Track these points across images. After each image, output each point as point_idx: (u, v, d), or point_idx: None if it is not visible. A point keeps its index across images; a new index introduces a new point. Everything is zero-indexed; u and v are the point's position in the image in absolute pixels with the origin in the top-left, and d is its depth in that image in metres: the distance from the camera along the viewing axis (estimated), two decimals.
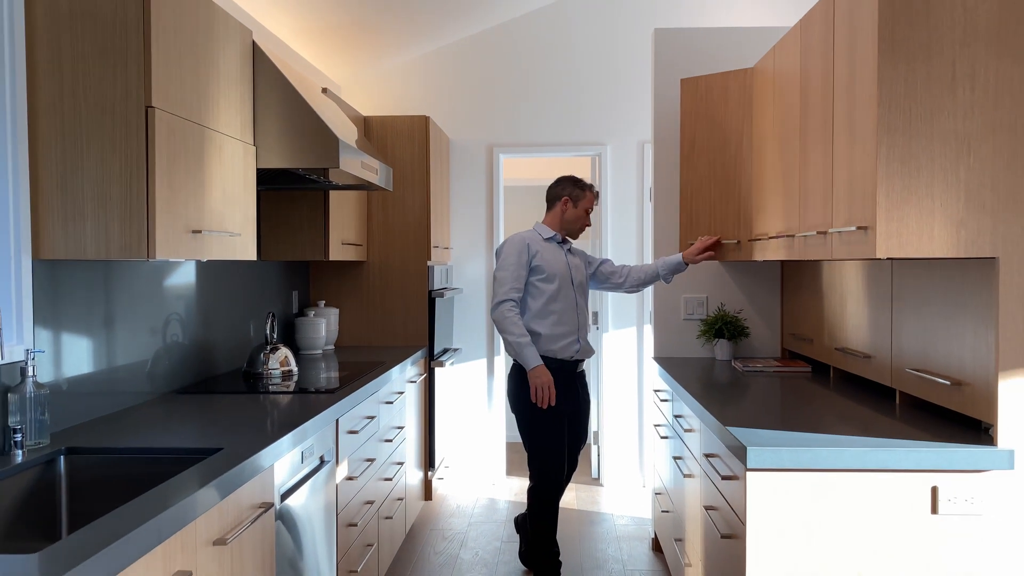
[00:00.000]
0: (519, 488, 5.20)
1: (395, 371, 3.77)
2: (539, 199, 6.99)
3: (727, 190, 3.61)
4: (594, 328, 5.30)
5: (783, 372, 3.47)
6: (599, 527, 4.52)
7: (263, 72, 2.91)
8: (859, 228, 2.19)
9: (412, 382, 4.32)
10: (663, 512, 3.74)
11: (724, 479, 2.39)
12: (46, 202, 2.17)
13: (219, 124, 2.57)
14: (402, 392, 3.99)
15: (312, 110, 2.93)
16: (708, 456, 2.64)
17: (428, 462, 4.80)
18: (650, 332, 5.02)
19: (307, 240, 3.93)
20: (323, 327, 4.27)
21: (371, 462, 3.30)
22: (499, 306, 3.47)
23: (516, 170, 6.88)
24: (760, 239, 3.32)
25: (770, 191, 3.21)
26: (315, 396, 2.90)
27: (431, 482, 4.86)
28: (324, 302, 4.63)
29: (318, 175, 3.35)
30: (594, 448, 5.44)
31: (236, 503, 1.93)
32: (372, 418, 3.31)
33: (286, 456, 2.29)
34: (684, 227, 3.72)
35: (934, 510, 2.07)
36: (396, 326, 4.79)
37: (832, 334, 3.24)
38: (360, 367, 3.66)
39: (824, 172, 2.54)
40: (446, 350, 5.07)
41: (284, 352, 3.39)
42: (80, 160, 2.16)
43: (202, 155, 2.45)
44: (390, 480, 3.70)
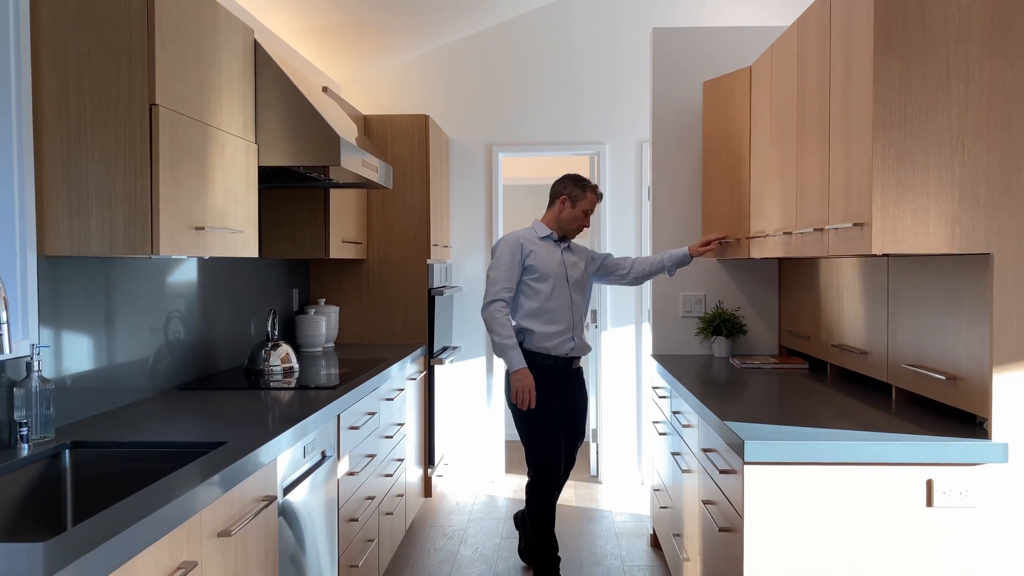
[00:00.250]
0: (518, 485, 5.23)
1: (395, 368, 3.80)
2: (538, 198, 7.02)
3: (733, 188, 3.64)
4: (592, 326, 5.32)
5: (781, 369, 3.50)
6: (598, 524, 4.54)
7: (265, 70, 2.93)
8: (855, 225, 2.22)
9: (412, 379, 4.34)
10: (661, 508, 3.77)
11: (722, 473, 2.42)
12: (51, 199, 2.19)
13: (221, 122, 2.60)
14: (402, 389, 4.01)
15: (313, 108, 2.95)
16: (706, 451, 2.66)
17: (428, 459, 4.83)
18: (648, 330, 5.05)
19: (308, 238, 3.95)
20: (323, 325, 4.29)
21: (372, 458, 3.33)
22: (490, 305, 3.51)
23: (515, 169, 6.90)
24: (758, 236, 3.35)
25: (767, 189, 3.23)
26: (316, 392, 2.92)
27: (431, 479, 4.88)
28: (324, 300, 4.66)
29: (319, 173, 3.37)
30: (592, 446, 5.47)
31: (240, 496, 1.95)
32: (373, 414, 3.34)
33: (288, 451, 2.31)
34: (706, 228, 3.78)
35: (929, 503, 2.10)
36: (396, 324, 4.81)
37: (829, 331, 3.27)
38: (360, 364, 3.68)
39: (820, 169, 2.56)
40: (445, 348, 5.10)
41: (285, 349, 3.41)
42: (85, 157, 2.18)
43: (205, 152, 2.47)
44: (390, 476, 3.73)
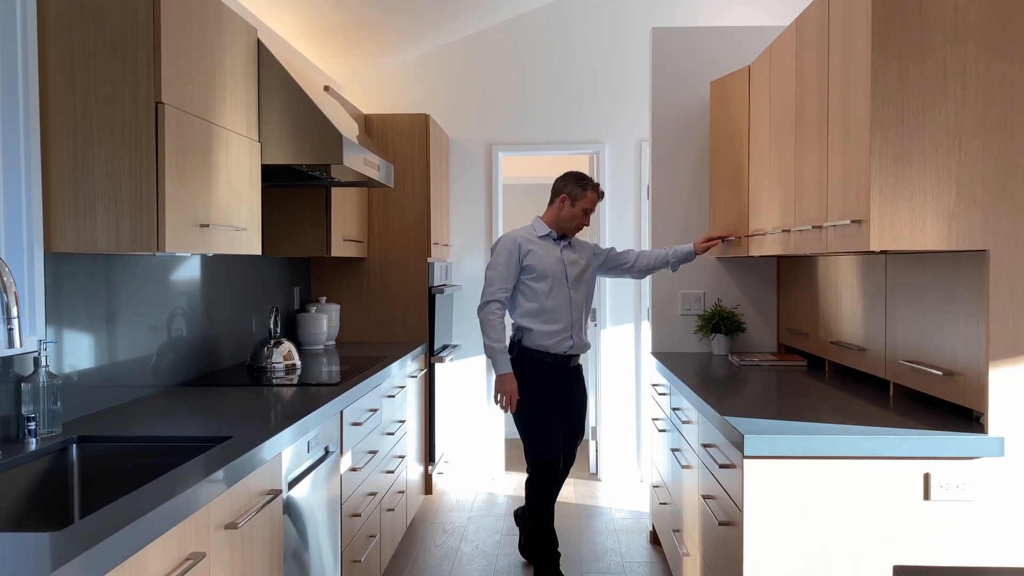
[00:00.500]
0: (518, 483, 5.25)
1: (396, 366, 3.82)
2: (538, 197, 7.04)
3: (736, 187, 3.67)
4: (592, 325, 5.35)
5: (779, 366, 3.53)
6: (597, 520, 4.57)
7: (268, 70, 2.95)
8: (853, 222, 2.25)
9: (413, 377, 4.37)
10: (661, 504, 3.79)
11: (722, 468, 2.44)
12: (58, 196, 2.21)
13: (225, 120, 2.62)
14: (403, 387, 4.03)
15: (316, 107, 2.97)
16: (706, 446, 2.69)
17: (428, 456, 4.85)
18: (647, 328, 5.07)
19: (309, 236, 3.97)
20: (324, 323, 4.31)
21: (373, 454, 3.35)
22: (486, 306, 3.53)
23: (515, 168, 6.92)
24: (757, 235, 3.38)
25: (766, 187, 3.26)
26: (319, 389, 2.94)
27: (431, 476, 4.90)
28: (325, 298, 4.68)
29: (320, 172, 3.39)
30: (592, 444, 5.49)
31: (246, 490, 1.98)
32: (375, 411, 3.36)
33: (293, 445, 2.33)
34: (713, 228, 3.83)
35: (927, 496, 2.13)
36: (396, 322, 4.84)
37: (827, 328, 3.29)
38: (362, 362, 3.70)
39: (819, 167, 2.59)
40: (445, 346, 5.12)
41: (288, 346, 3.43)
42: (91, 155, 2.20)
43: (209, 151, 2.49)
44: (392, 473, 3.75)
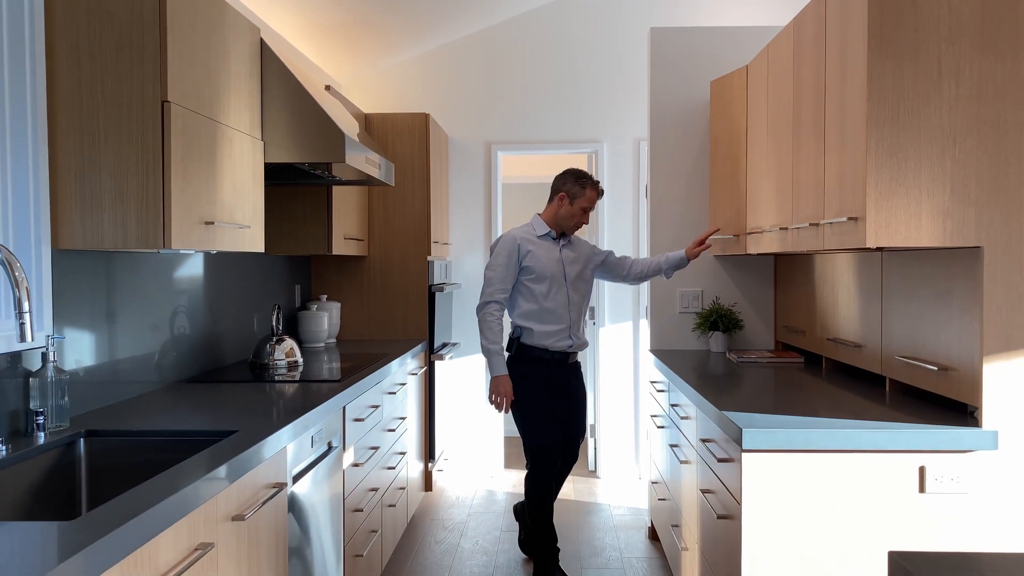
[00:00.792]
0: (517, 480, 5.28)
1: (396, 363, 3.85)
2: (537, 196, 7.08)
3: (733, 186, 3.71)
4: (591, 323, 5.38)
5: (777, 363, 3.56)
6: (596, 517, 4.60)
7: (271, 69, 2.98)
8: (850, 219, 2.28)
9: (413, 374, 4.39)
10: (660, 500, 3.83)
11: (720, 462, 2.48)
12: (65, 193, 2.24)
13: (229, 119, 2.65)
14: (404, 383, 4.06)
15: (319, 106, 3.01)
16: (704, 441, 2.72)
17: (428, 454, 4.88)
18: (645, 326, 5.10)
19: (310, 234, 4.00)
20: (325, 320, 4.34)
21: (375, 450, 3.38)
22: (485, 307, 3.55)
23: (515, 167, 6.96)
24: (754, 232, 3.41)
25: (764, 185, 3.30)
26: (322, 385, 2.97)
27: (431, 473, 4.93)
28: (326, 296, 4.70)
29: (322, 170, 3.42)
30: (591, 441, 5.53)
31: (252, 483, 2.01)
32: (376, 407, 3.39)
33: (297, 440, 2.36)
34: (713, 225, 3.86)
35: (922, 489, 2.16)
36: (396, 320, 4.87)
37: (824, 325, 3.33)
38: (363, 359, 3.73)
39: (816, 165, 2.62)
40: (445, 344, 5.15)
41: (290, 343, 3.46)
42: (98, 153, 2.23)
43: (214, 149, 2.52)
44: (393, 469, 3.78)
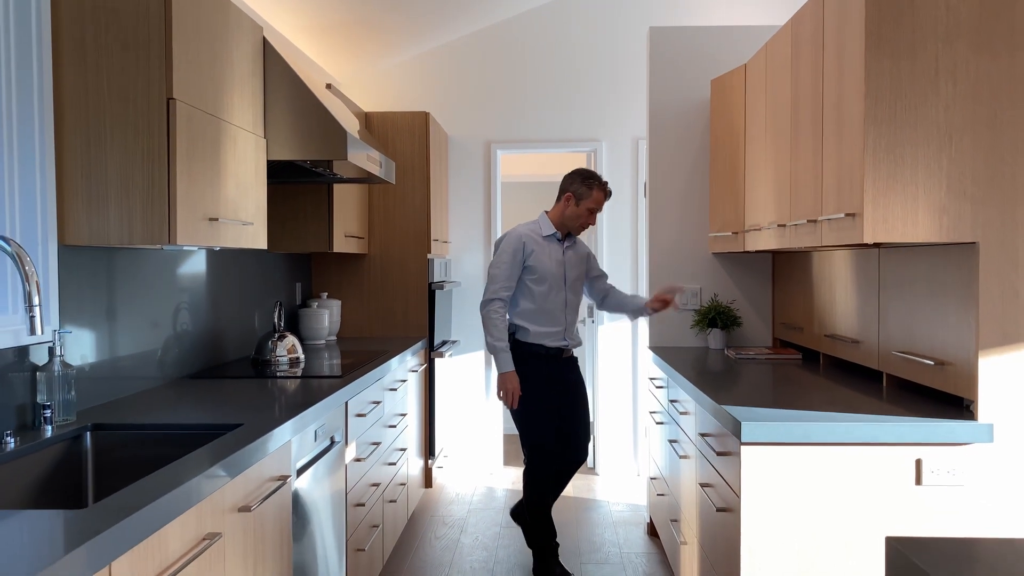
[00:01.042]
0: (516, 477, 5.31)
1: (396, 361, 3.87)
2: (536, 195, 7.11)
3: (732, 183, 3.74)
4: (589, 321, 5.41)
5: (774, 359, 3.59)
6: (595, 513, 4.63)
7: (273, 67, 3.00)
8: (847, 215, 2.31)
9: (413, 371, 4.42)
10: (659, 496, 3.86)
11: (719, 455, 2.50)
12: (71, 190, 2.26)
13: (233, 117, 2.67)
14: (405, 380, 4.09)
15: (321, 104, 3.03)
16: (704, 435, 2.75)
17: (428, 450, 4.91)
18: (644, 324, 5.13)
19: (311, 232, 4.03)
20: (326, 318, 4.37)
21: (376, 446, 3.40)
22: (489, 304, 3.56)
23: (514, 166, 6.98)
24: (752, 230, 3.44)
25: (762, 183, 3.32)
26: (324, 380, 3.00)
27: (431, 470, 4.96)
28: (327, 294, 4.73)
29: (323, 168, 3.45)
30: (590, 438, 5.55)
31: (258, 475, 2.03)
32: (378, 403, 3.42)
33: (301, 434, 2.39)
34: (713, 223, 3.92)
35: (918, 481, 2.19)
36: (396, 318, 4.89)
37: (822, 322, 3.36)
38: (363, 356, 3.76)
39: (814, 163, 2.65)
40: (445, 342, 5.18)
41: (292, 340, 3.49)
42: (103, 149, 2.26)
43: (218, 146, 2.54)
44: (393, 465, 3.81)
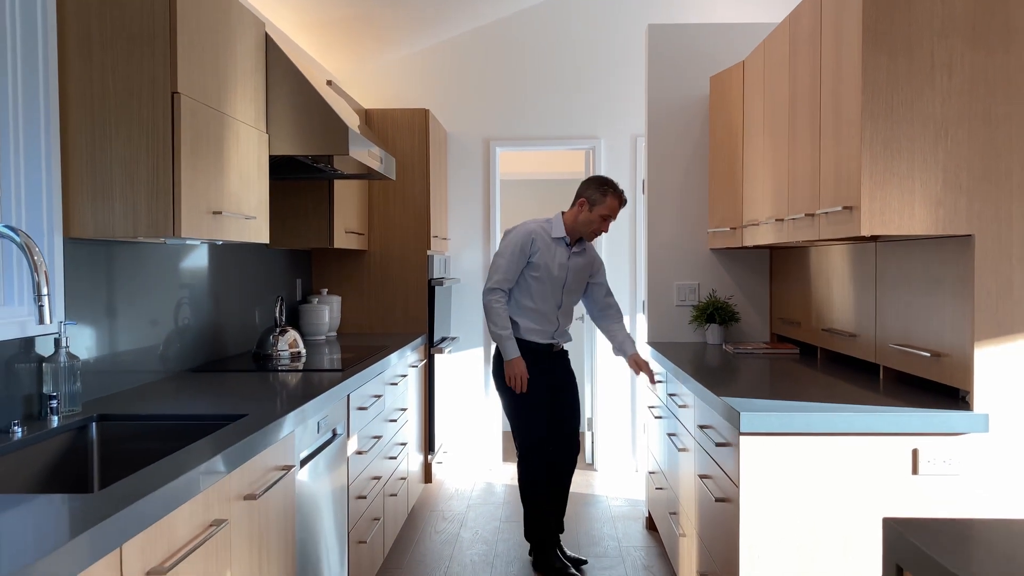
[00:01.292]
0: (515, 473, 5.32)
1: (396, 356, 3.90)
2: (535, 192, 7.13)
3: (731, 179, 3.77)
4: (588, 318, 5.43)
5: (772, 354, 3.62)
6: (594, 508, 4.66)
7: (275, 63, 3.03)
8: (845, 208, 2.34)
9: (413, 367, 4.44)
10: (657, 490, 3.88)
11: (718, 447, 2.53)
12: (76, 183, 2.28)
13: (236, 111, 2.69)
14: (405, 375, 4.11)
15: (323, 99, 3.05)
16: (702, 427, 2.78)
17: (428, 446, 4.93)
18: (642, 320, 5.16)
19: (312, 228, 4.05)
20: (326, 314, 4.39)
21: (378, 439, 3.43)
22: (490, 293, 3.60)
23: (514, 164, 7.00)
24: (750, 225, 3.47)
25: (759, 178, 3.35)
26: (326, 374, 3.02)
27: (431, 465, 4.98)
28: (327, 290, 4.75)
29: (324, 164, 3.47)
30: (588, 434, 5.58)
31: (263, 464, 2.05)
32: (379, 397, 3.44)
33: (304, 425, 2.41)
34: (712, 218, 3.96)
35: (915, 471, 2.22)
36: (396, 314, 4.91)
37: (819, 316, 3.39)
38: (364, 351, 3.78)
39: (812, 157, 2.68)
40: (444, 338, 5.20)
41: (293, 334, 3.51)
42: (109, 143, 2.28)
43: (221, 140, 2.56)
44: (394, 459, 3.83)
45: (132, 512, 1.38)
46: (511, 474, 5.33)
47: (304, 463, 2.42)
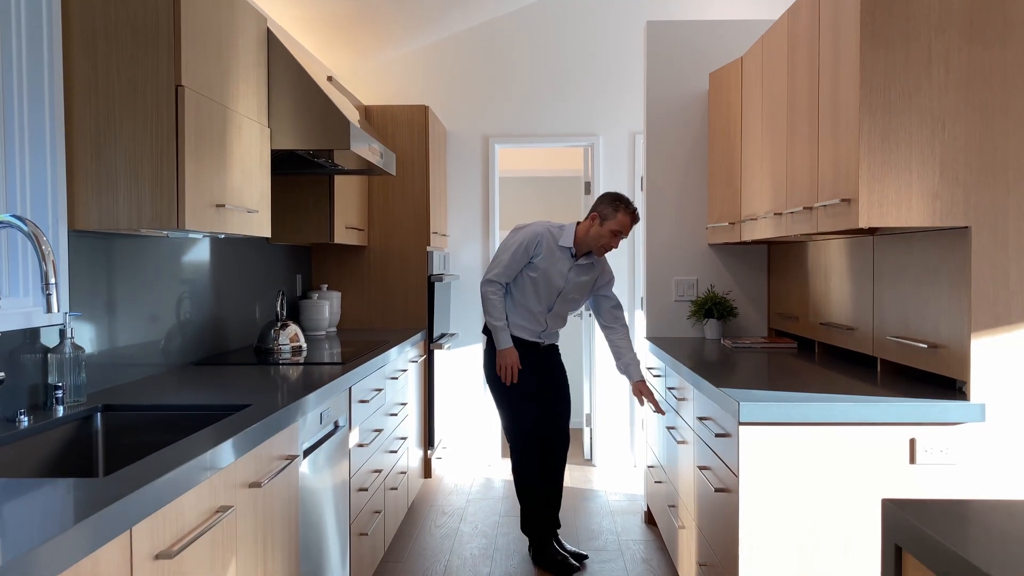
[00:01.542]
0: None
1: (396, 351, 3.91)
2: (534, 190, 7.15)
3: (730, 175, 3.79)
4: (586, 314, 5.46)
5: (770, 348, 3.64)
6: (593, 503, 4.68)
7: (277, 58, 3.04)
8: (843, 200, 2.36)
9: (413, 362, 4.46)
10: (656, 483, 3.91)
11: (717, 437, 2.55)
12: (81, 175, 2.30)
13: (239, 105, 2.71)
14: (405, 370, 4.13)
15: (324, 94, 3.07)
16: (701, 419, 2.80)
17: (427, 441, 4.95)
18: (641, 316, 5.18)
19: (313, 224, 4.07)
20: (327, 309, 4.41)
21: (379, 433, 3.45)
22: (488, 284, 3.64)
23: (513, 161, 7.02)
24: (749, 220, 3.49)
25: (758, 173, 3.38)
26: (327, 367, 3.04)
27: (430, 461, 5.00)
28: (327, 286, 4.77)
29: (325, 159, 3.49)
30: (586, 430, 5.60)
31: (267, 453, 2.07)
32: (380, 390, 3.46)
33: (307, 416, 2.43)
34: (711, 214, 4.00)
35: (912, 460, 2.24)
36: (396, 310, 4.93)
37: (817, 310, 3.41)
38: (364, 346, 3.80)
39: (810, 151, 2.70)
40: (444, 334, 5.22)
41: (294, 328, 3.52)
42: (113, 135, 2.29)
43: (224, 134, 2.58)
44: (395, 453, 3.85)
45: (141, 496, 1.40)
46: (510, 469, 5.35)
47: (307, 454, 2.44)
